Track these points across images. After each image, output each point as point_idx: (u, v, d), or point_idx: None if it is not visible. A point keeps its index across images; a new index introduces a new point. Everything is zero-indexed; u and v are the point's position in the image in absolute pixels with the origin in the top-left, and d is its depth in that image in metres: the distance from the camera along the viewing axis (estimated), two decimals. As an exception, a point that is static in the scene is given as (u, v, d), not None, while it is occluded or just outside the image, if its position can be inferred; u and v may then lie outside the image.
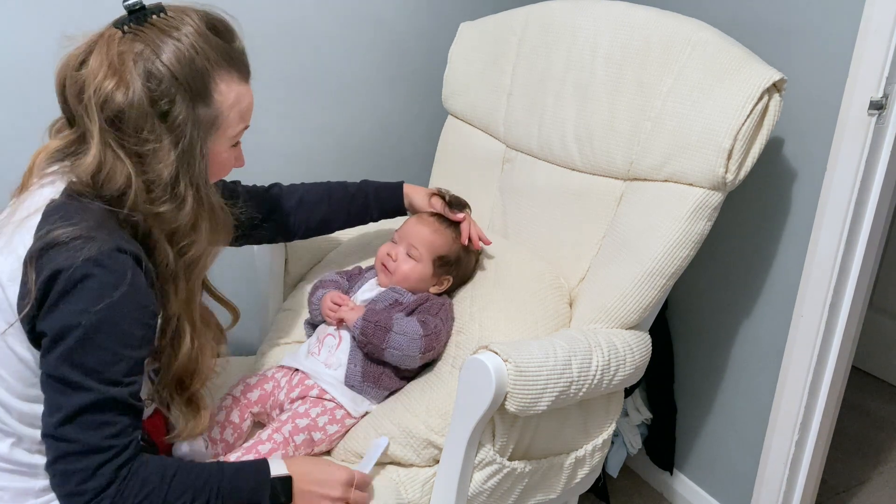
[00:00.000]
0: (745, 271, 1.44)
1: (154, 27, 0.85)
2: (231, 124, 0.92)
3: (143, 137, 0.84)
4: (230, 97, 0.90)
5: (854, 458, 1.95)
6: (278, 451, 1.06)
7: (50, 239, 0.80)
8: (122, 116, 0.83)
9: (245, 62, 0.94)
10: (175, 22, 0.86)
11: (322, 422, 1.13)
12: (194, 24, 0.87)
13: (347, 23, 1.62)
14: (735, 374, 1.52)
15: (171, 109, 0.85)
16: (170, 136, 0.85)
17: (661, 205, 1.17)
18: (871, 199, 1.22)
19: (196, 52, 0.85)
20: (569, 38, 1.34)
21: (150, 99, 0.83)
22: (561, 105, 1.35)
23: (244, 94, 0.93)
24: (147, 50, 0.84)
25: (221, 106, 0.89)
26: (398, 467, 1.13)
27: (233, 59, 0.90)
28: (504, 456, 1.09)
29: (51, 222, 0.82)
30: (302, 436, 1.10)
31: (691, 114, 1.15)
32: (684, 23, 1.21)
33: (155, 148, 0.85)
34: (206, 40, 0.87)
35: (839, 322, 1.30)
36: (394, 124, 1.77)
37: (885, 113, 1.15)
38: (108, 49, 0.84)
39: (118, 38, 0.85)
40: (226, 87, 0.89)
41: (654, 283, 1.17)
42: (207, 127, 0.89)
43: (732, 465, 1.56)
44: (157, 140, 0.85)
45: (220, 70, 0.88)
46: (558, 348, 1.07)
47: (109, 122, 0.83)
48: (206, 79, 0.87)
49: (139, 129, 0.84)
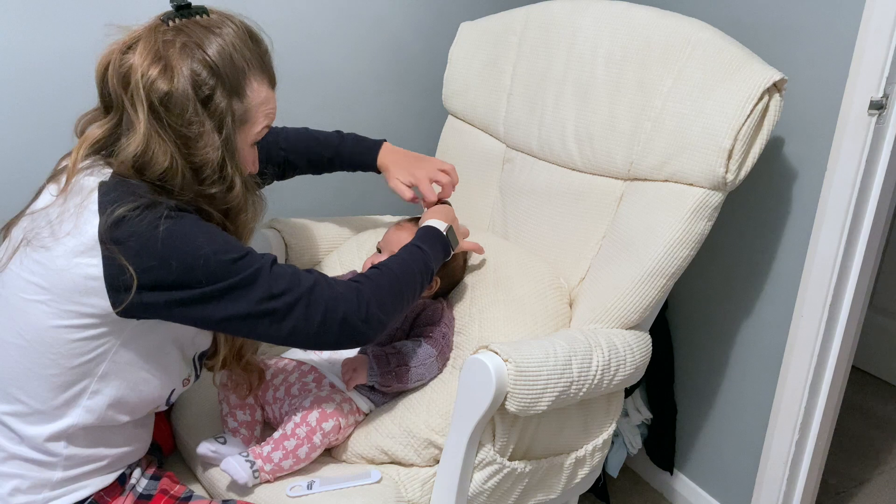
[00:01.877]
0: (745, 271, 1.44)
1: (198, 24, 0.91)
2: (258, 122, 0.97)
3: (187, 119, 0.88)
4: (260, 97, 0.95)
5: (854, 458, 1.95)
6: (303, 445, 1.07)
7: (118, 215, 0.84)
8: (168, 101, 0.87)
9: (273, 72, 0.99)
10: (218, 22, 0.92)
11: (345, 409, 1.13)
12: (235, 27, 0.93)
13: (347, 23, 1.62)
14: (735, 374, 1.52)
15: (212, 96, 0.89)
16: (212, 122, 0.90)
17: (662, 205, 1.17)
18: (871, 199, 1.22)
19: (235, 50, 0.91)
20: (569, 38, 1.34)
21: (193, 84, 0.88)
22: (561, 105, 1.35)
23: (271, 98, 0.98)
24: (191, 42, 0.89)
25: (252, 103, 0.94)
26: (398, 467, 1.13)
27: (265, 64, 0.97)
28: (504, 456, 1.09)
29: (111, 200, 0.85)
30: (331, 422, 1.10)
31: (691, 114, 1.15)
32: (684, 23, 1.21)
33: (200, 132, 0.89)
34: (244, 42, 0.93)
35: (839, 322, 1.30)
36: (394, 124, 1.77)
37: (885, 113, 1.15)
38: (154, 38, 0.88)
39: (164, 30, 0.89)
40: (258, 87, 0.95)
41: (655, 283, 1.17)
42: (240, 121, 0.94)
43: (732, 465, 1.56)
44: (200, 124, 0.89)
45: (255, 71, 0.94)
46: (558, 348, 1.07)
47: (155, 107, 0.87)
48: (242, 76, 0.92)
49: (183, 112, 0.88)
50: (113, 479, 0.98)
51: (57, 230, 0.86)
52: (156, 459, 1.11)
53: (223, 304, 0.88)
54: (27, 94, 1.34)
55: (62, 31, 1.33)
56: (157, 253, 0.84)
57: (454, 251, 1.19)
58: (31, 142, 1.36)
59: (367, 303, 0.97)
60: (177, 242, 0.85)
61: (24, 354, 0.88)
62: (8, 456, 0.91)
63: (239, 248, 0.90)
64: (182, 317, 0.89)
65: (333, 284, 0.96)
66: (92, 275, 0.84)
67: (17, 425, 0.90)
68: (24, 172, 1.32)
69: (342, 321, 0.94)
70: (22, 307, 0.87)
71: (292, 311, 0.92)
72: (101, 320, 0.86)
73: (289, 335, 0.93)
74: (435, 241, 1.14)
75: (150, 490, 1.02)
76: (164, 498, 1.01)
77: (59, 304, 0.85)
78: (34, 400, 0.89)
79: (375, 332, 0.98)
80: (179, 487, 1.04)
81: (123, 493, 0.99)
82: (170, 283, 0.86)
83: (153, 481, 1.04)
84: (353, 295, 0.96)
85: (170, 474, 1.08)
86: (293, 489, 1.05)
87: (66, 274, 0.84)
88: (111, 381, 0.92)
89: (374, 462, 1.13)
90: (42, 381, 0.88)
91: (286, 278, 0.92)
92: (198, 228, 0.88)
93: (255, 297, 0.89)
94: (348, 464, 1.14)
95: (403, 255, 1.09)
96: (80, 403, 0.91)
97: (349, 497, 1.04)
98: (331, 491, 1.05)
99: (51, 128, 1.34)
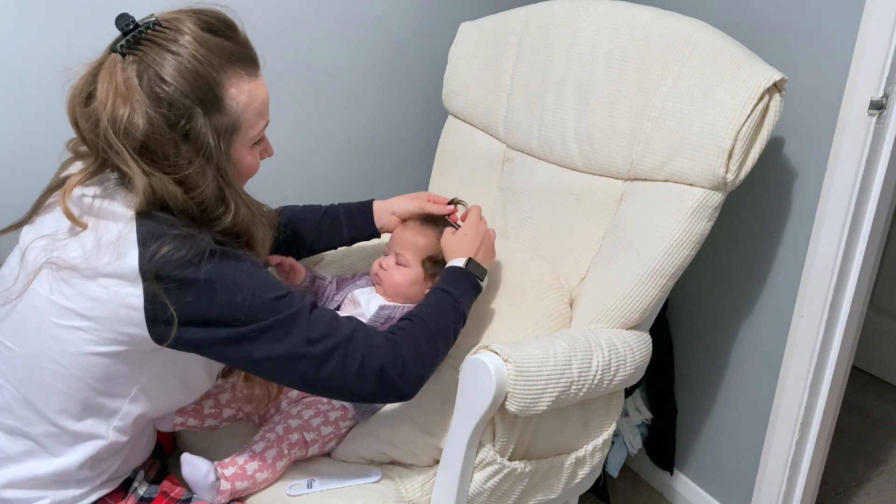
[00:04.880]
0: (746, 271, 1.44)
1: (151, 43, 0.83)
2: (251, 125, 0.91)
3: (174, 162, 0.84)
4: (243, 98, 0.88)
5: (854, 458, 1.95)
6: (272, 448, 1.06)
7: (161, 254, 0.82)
8: (148, 145, 0.83)
9: (250, 54, 0.91)
10: (171, 34, 0.84)
11: (315, 423, 1.12)
12: (190, 30, 0.84)
13: (347, 23, 1.62)
14: (735, 374, 1.52)
15: (190, 128, 0.84)
16: (199, 157, 0.85)
17: (662, 205, 1.17)
18: (871, 199, 1.22)
19: (199, 62, 0.83)
20: (569, 38, 1.34)
21: (167, 123, 0.83)
22: (561, 105, 1.35)
23: (256, 90, 0.90)
24: (150, 70, 0.82)
25: (236, 109, 0.88)
26: (398, 467, 1.13)
27: (236, 56, 0.88)
28: (504, 456, 1.09)
29: (150, 233, 0.83)
30: (295, 435, 1.09)
31: (692, 114, 1.15)
32: (685, 23, 1.21)
33: (189, 172, 0.85)
34: (205, 45, 0.85)
35: (839, 322, 1.30)
36: (394, 124, 1.77)
37: (885, 113, 1.15)
38: (111, 77, 0.82)
39: (119, 63, 0.83)
40: (236, 90, 0.87)
41: (655, 283, 1.17)
42: (229, 134, 0.88)
43: (732, 465, 1.56)
44: (189, 164, 0.84)
45: (227, 73, 0.86)
46: (558, 348, 1.07)
47: (138, 151, 0.83)
48: (215, 86, 0.85)
49: (167, 156, 0.84)
50: (118, 483, 0.99)
51: (95, 260, 0.83)
52: (158, 461, 1.11)
53: (261, 344, 0.86)
54: (27, 93, 1.34)
55: (61, 31, 1.33)
56: (198, 292, 0.83)
57: (484, 281, 1.13)
58: (31, 140, 1.36)
59: (404, 358, 0.94)
60: (219, 281, 0.84)
61: (59, 379, 0.87)
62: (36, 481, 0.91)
63: (279, 287, 0.89)
64: (219, 355, 0.88)
65: (372, 335, 0.94)
66: (133, 305, 0.83)
67: (54, 447, 0.90)
68: (24, 171, 1.33)
69: (379, 373, 0.91)
70: (57, 333, 0.86)
71: (330, 357, 0.89)
72: (137, 347, 0.86)
73: (326, 382, 0.90)
74: (459, 280, 1.09)
75: (150, 494, 1.02)
76: (165, 500, 1.01)
77: (98, 332, 0.84)
78: (68, 422, 0.89)
79: (412, 387, 0.96)
80: (179, 490, 1.04)
81: (126, 496, 0.99)
82: (209, 320, 0.84)
83: (154, 485, 1.04)
84: (390, 347, 0.93)
85: (170, 476, 1.08)
86: (293, 488, 1.05)
87: (106, 304, 0.83)
88: (141, 400, 0.92)
89: (374, 462, 1.13)
90: (77, 404, 0.88)
91: (325, 323, 0.90)
92: (238, 266, 0.87)
93: (293, 340, 0.87)
94: (348, 463, 1.14)
95: (432, 302, 1.04)
96: (112, 423, 0.91)
97: (349, 496, 1.04)
98: (331, 490, 1.05)
99: (50, 128, 1.34)
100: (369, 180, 1.77)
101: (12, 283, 0.89)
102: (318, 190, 1.68)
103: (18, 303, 0.89)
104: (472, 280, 1.11)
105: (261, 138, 0.96)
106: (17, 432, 0.90)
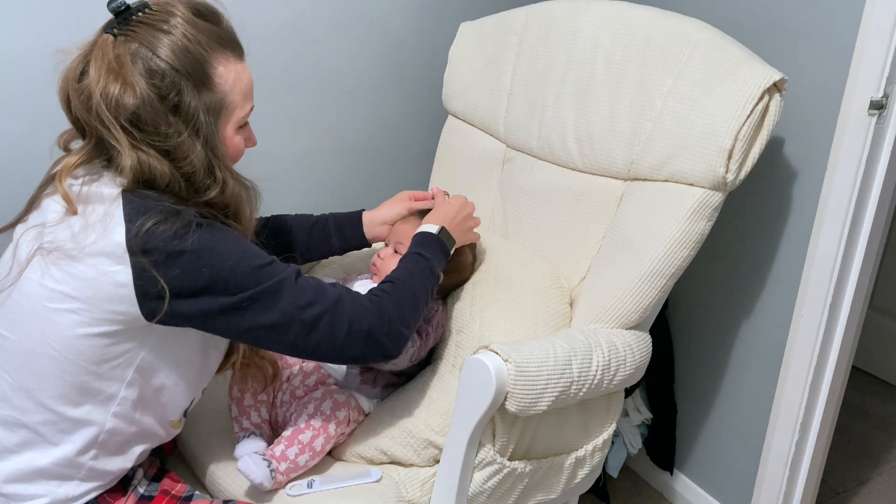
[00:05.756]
0: (746, 271, 1.44)
1: (143, 24, 0.87)
2: (237, 105, 0.94)
3: (163, 133, 0.86)
4: (230, 78, 0.91)
5: (854, 458, 1.95)
6: (319, 436, 1.07)
7: (146, 228, 0.84)
8: (138, 119, 0.85)
9: (236, 41, 0.95)
10: (162, 15, 0.87)
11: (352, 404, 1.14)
12: (181, 12, 0.88)
13: (347, 23, 1.62)
14: (735, 374, 1.52)
15: (180, 101, 0.87)
16: (188, 128, 0.87)
17: (662, 205, 1.17)
18: (871, 199, 1.22)
19: (189, 41, 0.87)
20: (569, 38, 1.34)
21: (158, 95, 0.85)
22: (561, 105, 1.35)
23: (242, 72, 0.94)
24: (142, 48, 0.85)
25: (224, 88, 0.91)
26: (398, 467, 1.13)
27: (224, 40, 0.92)
28: (504, 456, 1.09)
29: (136, 209, 0.85)
30: (343, 411, 1.11)
31: (692, 114, 1.15)
32: (685, 22, 1.21)
33: (179, 142, 0.87)
34: (195, 27, 0.88)
35: (839, 322, 1.30)
36: (394, 124, 1.77)
37: (885, 113, 1.15)
38: (103, 55, 0.85)
39: (111, 42, 0.86)
40: (224, 70, 0.91)
41: (655, 282, 1.17)
42: (216, 112, 0.91)
43: (732, 465, 1.56)
44: (178, 134, 0.87)
45: (216, 53, 0.90)
46: (558, 348, 1.07)
47: (129, 126, 0.85)
48: (204, 64, 0.88)
49: (157, 126, 0.86)
50: (117, 480, 0.98)
51: (82, 240, 0.85)
52: (157, 460, 1.11)
53: (251, 313, 0.89)
54: (26, 92, 1.34)
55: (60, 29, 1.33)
56: (186, 262, 0.85)
57: (452, 249, 1.19)
58: (30, 141, 1.36)
59: (390, 318, 0.97)
60: (205, 251, 0.86)
61: (54, 364, 0.87)
62: (36, 474, 0.91)
63: (264, 256, 0.91)
64: (210, 325, 0.89)
65: (358, 299, 0.96)
66: (121, 282, 0.84)
67: (52, 435, 0.90)
68: (23, 172, 1.32)
69: (367, 335, 0.95)
70: (49, 317, 0.87)
71: (318, 323, 0.92)
72: (129, 326, 0.87)
73: (315, 348, 0.93)
74: (432, 245, 1.14)
75: (151, 491, 1.02)
76: (166, 498, 1.01)
77: (89, 312, 0.85)
78: (66, 408, 0.89)
79: (398, 346, 0.99)
80: (181, 487, 1.05)
81: (125, 495, 0.99)
82: (198, 291, 0.86)
83: (154, 483, 1.04)
84: (376, 309, 0.96)
85: (171, 474, 1.08)
86: (293, 488, 1.05)
87: (94, 283, 0.84)
88: (138, 385, 0.92)
89: (374, 462, 1.14)
90: (73, 389, 0.89)
91: (311, 290, 0.93)
92: (224, 236, 0.89)
93: (282, 308, 0.90)
94: (348, 463, 1.14)
95: (409, 265, 1.09)
96: (111, 409, 0.91)
97: (349, 496, 1.04)
98: (331, 490, 1.06)
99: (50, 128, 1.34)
100: (369, 180, 1.77)
101: (6, 273, 0.91)
102: (318, 190, 1.68)
103: (13, 291, 0.90)
104: (442, 246, 1.15)
105: (245, 123, 0.98)
106: (13, 422, 0.90)
